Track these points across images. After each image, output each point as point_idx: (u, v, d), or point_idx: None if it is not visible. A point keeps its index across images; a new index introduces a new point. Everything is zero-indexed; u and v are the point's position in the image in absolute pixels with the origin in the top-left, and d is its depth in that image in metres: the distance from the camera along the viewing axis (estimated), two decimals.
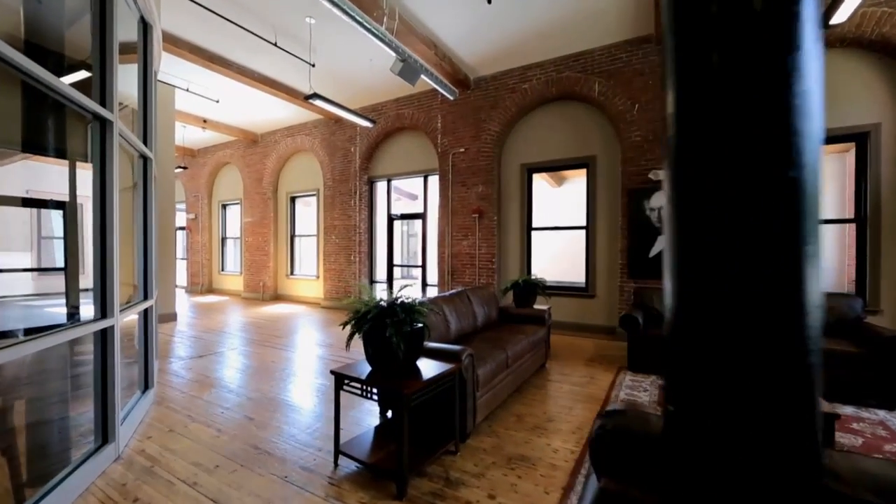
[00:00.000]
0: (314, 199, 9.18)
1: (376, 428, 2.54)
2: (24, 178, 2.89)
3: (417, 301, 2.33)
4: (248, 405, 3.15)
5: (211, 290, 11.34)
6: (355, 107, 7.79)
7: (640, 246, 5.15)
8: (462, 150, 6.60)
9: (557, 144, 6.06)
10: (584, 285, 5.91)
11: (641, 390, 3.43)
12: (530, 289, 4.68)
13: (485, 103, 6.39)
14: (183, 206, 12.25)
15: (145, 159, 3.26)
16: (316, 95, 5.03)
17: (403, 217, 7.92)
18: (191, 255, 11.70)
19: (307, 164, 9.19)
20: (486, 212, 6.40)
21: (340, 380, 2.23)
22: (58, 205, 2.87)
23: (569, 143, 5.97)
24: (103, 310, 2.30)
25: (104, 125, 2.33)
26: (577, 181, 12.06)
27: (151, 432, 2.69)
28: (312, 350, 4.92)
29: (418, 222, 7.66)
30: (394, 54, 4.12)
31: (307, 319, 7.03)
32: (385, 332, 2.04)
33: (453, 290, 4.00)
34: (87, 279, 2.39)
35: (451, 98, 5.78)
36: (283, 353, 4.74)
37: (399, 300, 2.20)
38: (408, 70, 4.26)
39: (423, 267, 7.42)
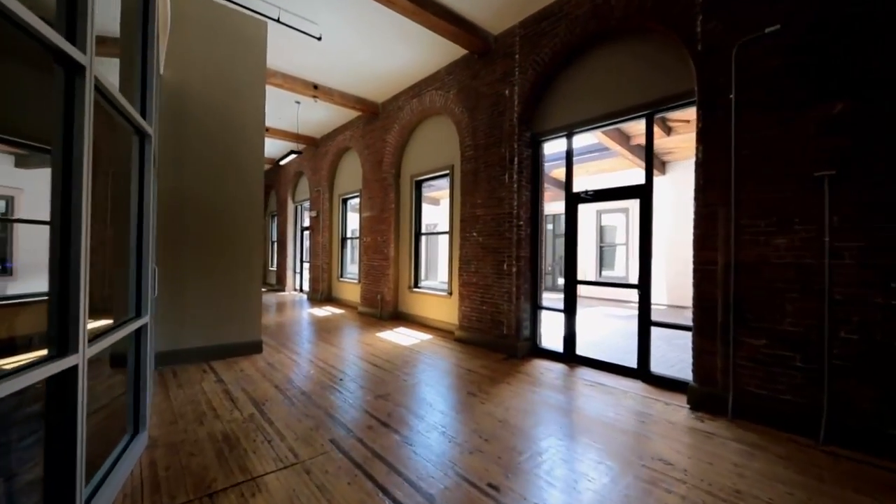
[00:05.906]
0: (447, 181, 6.51)
1: None
2: None
3: None
4: None
5: (330, 299, 9.79)
6: (522, 13, 4.78)
7: None
8: (765, 31, 2.94)
9: None
10: None
11: None
12: None
13: None
14: (307, 203, 11.17)
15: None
16: None
17: (599, 197, 4.49)
18: (312, 259, 10.42)
19: (439, 132, 6.58)
20: (852, 164, 2.61)
21: None
22: None
23: None
24: (138, 309, 2.31)
25: (143, 139, 2.29)
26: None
27: None
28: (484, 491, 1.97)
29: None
30: None
31: (441, 370, 4.25)
32: None
33: None
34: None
35: None
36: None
37: None
38: None
39: (644, 287, 3.95)
